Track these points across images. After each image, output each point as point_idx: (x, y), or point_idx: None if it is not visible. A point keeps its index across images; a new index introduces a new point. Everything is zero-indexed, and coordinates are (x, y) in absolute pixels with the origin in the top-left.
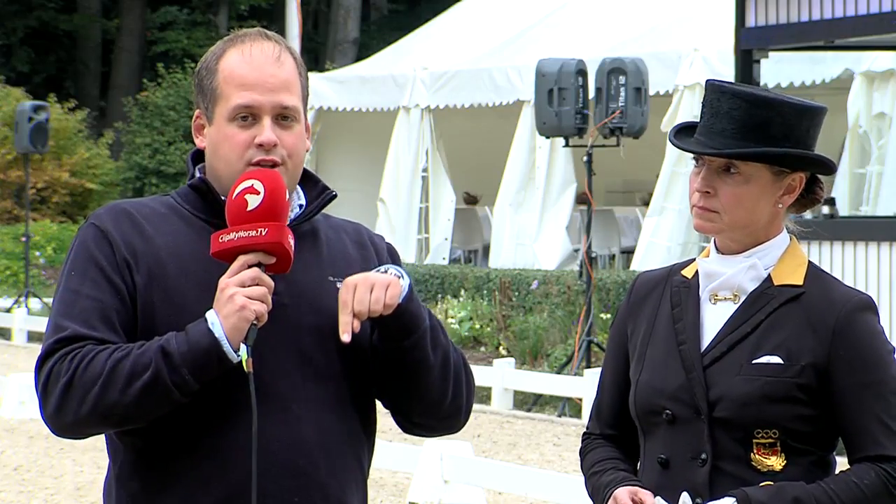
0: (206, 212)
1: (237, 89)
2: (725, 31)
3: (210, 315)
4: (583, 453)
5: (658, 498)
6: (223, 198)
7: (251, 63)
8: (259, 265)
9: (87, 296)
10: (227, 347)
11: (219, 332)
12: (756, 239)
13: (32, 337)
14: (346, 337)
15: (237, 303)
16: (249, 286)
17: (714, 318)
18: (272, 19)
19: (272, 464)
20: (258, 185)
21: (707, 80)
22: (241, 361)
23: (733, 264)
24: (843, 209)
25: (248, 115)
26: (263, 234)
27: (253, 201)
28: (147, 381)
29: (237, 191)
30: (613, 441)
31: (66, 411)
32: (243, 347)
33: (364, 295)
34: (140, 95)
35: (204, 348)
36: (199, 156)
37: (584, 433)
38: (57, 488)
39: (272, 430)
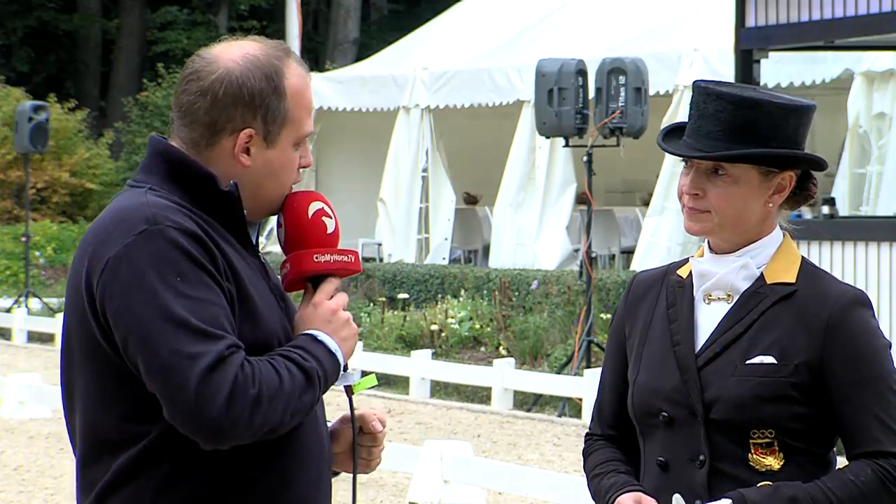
0: (224, 219)
1: (307, 115)
2: (725, 31)
3: (324, 337)
4: (585, 454)
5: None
6: (245, 213)
7: (309, 87)
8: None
9: (213, 302)
10: (342, 371)
11: (341, 356)
12: (748, 238)
13: (32, 337)
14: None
15: (354, 327)
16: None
17: (708, 319)
18: (272, 19)
19: (326, 468)
20: (327, 209)
21: (694, 82)
22: (350, 385)
23: (726, 264)
24: (843, 209)
25: None
26: (352, 261)
27: (329, 225)
28: (312, 400)
29: (311, 212)
30: (615, 442)
31: (248, 423)
32: (358, 370)
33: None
34: (140, 95)
35: (333, 371)
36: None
37: (587, 434)
38: (57, 488)
39: (322, 436)
